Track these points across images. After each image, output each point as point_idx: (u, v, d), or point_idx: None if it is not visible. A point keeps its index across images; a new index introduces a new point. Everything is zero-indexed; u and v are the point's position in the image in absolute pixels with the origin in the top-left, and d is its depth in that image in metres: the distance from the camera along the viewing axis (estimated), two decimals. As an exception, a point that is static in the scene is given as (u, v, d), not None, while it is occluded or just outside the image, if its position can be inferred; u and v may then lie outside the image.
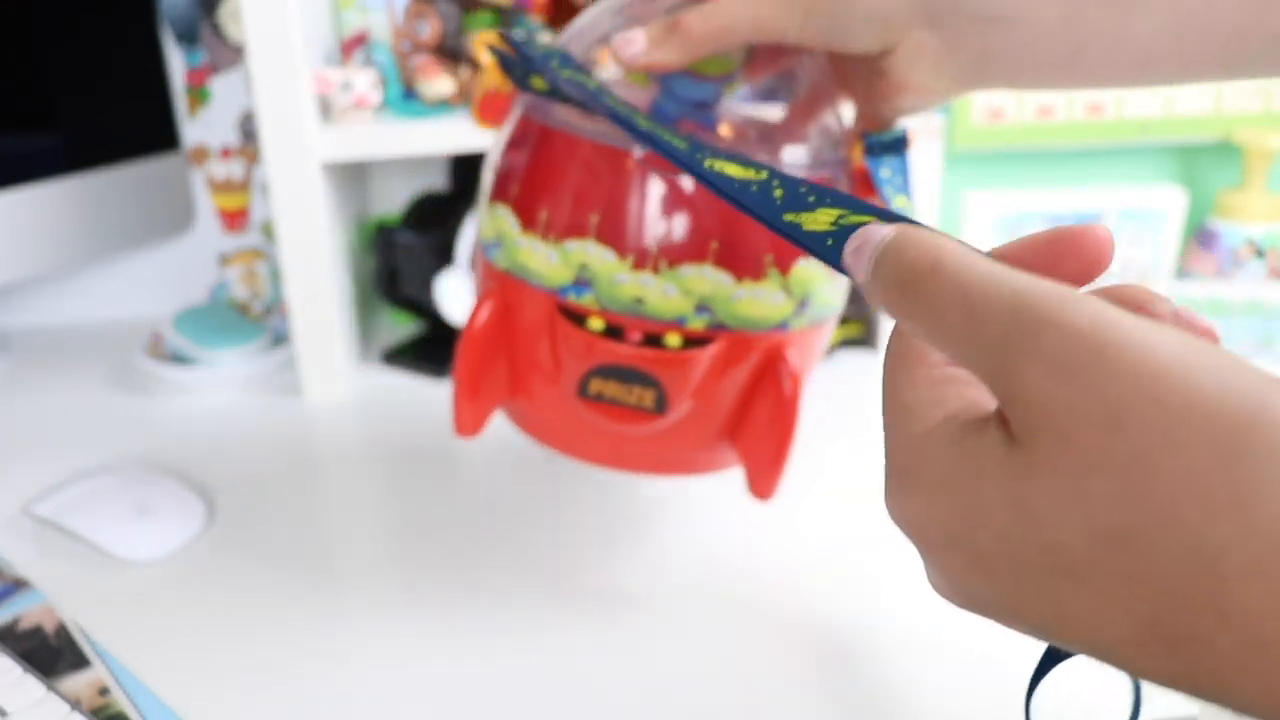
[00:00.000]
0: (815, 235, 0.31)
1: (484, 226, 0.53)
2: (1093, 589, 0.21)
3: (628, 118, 0.41)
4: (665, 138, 0.40)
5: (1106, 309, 0.21)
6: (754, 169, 0.37)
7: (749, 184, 0.35)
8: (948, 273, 0.24)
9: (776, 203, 0.34)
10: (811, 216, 0.32)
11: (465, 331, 0.51)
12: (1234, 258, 0.90)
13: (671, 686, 0.52)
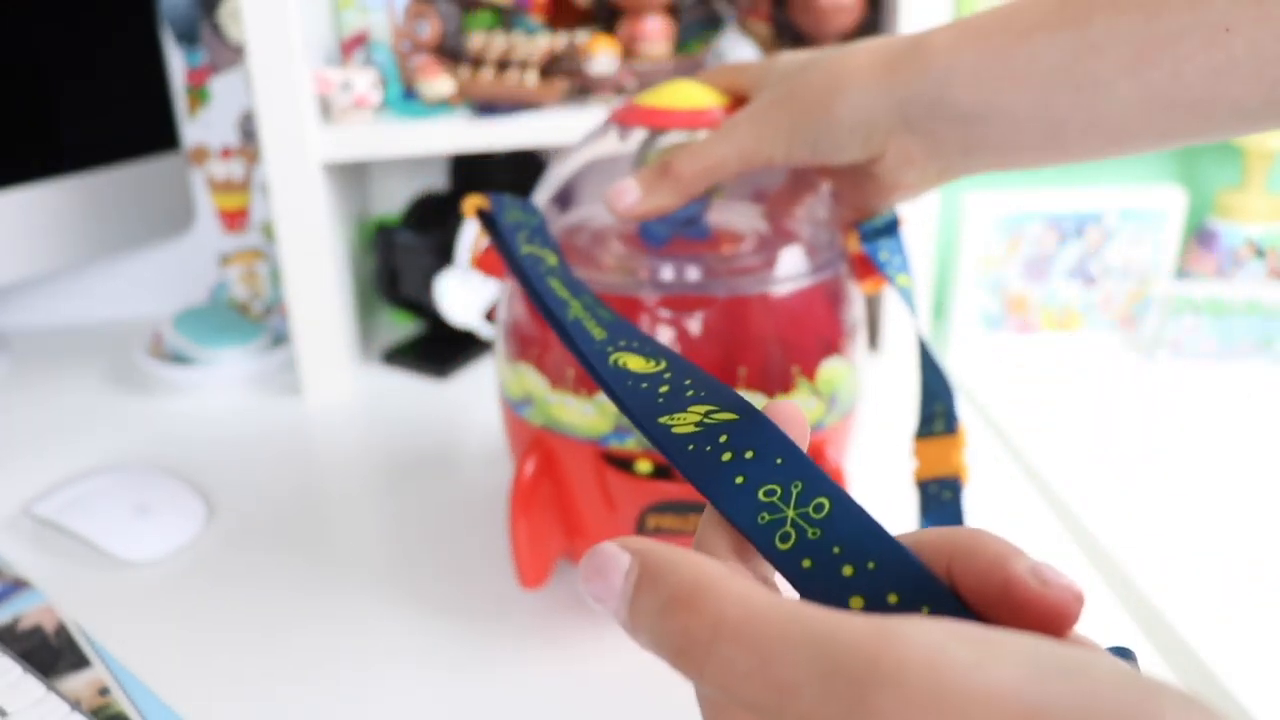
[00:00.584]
0: (678, 440, 0.29)
1: (508, 384, 0.53)
2: None
3: (556, 309, 0.39)
4: (587, 328, 0.37)
5: (937, 645, 0.18)
6: (655, 360, 0.34)
7: (639, 380, 0.33)
8: (721, 603, 0.20)
9: (657, 401, 0.31)
10: (682, 417, 0.30)
11: (514, 488, 0.51)
12: (1234, 258, 0.89)
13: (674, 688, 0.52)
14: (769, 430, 0.27)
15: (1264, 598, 0.59)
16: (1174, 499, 0.68)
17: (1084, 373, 0.86)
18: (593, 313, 0.40)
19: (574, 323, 0.39)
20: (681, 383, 0.32)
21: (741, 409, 0.29)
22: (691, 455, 0.28)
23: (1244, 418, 0.78)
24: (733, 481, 0.26)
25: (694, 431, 0.29)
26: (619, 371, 0.35)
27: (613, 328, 0.38)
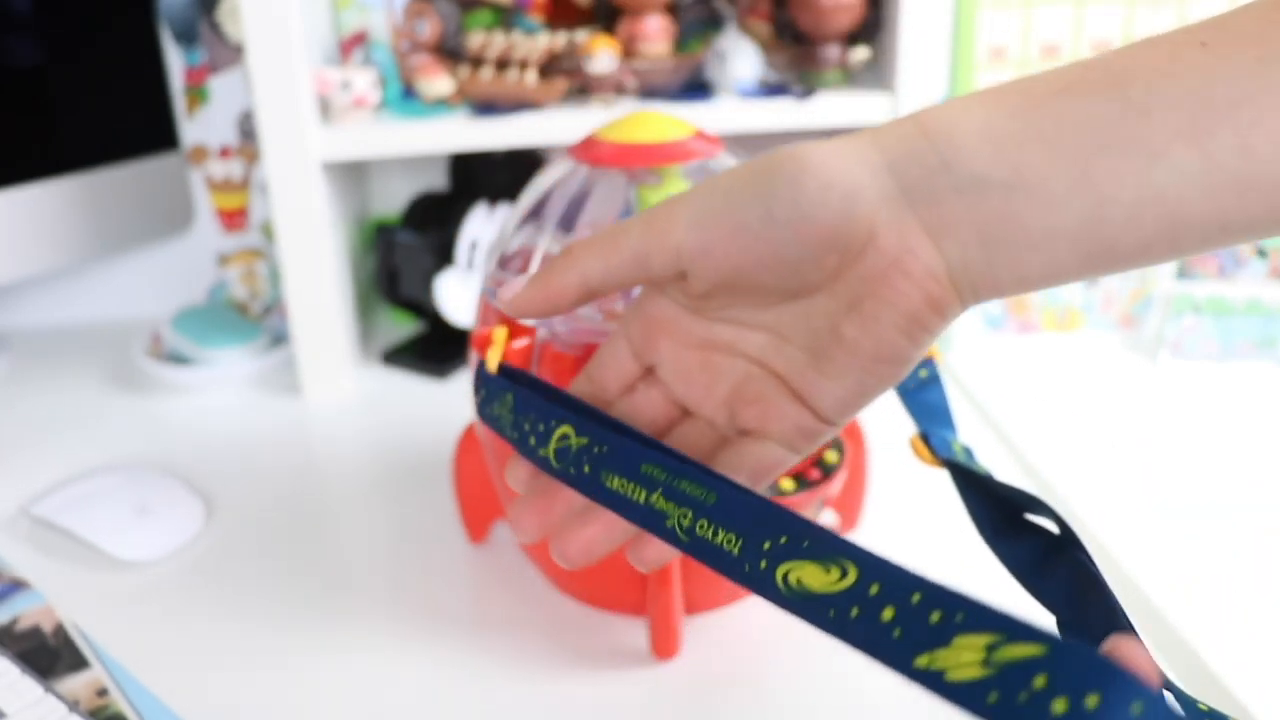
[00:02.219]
0: (967, 689, 0.23)
1: None
2: None
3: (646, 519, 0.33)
4: (706, 539, 0.32)
5: None
6: (837, 565, 0.28)
7: (844, 606, 0.27)
8: None
9: (893, 636, 0.25)
10: (949, 656, 0.24)
11: None
12: (1235, 257, 0.89)
13: (677, 692, 0.52)
14: (1099, 663, 0.21)
15: (1266, 599, 0.59)
16: (1175, 499, 0.68)
17: (1085, 373, 0.86)
18: (686, 500, 0.32)
19: (694, 539, 0.32)
20: (908, 600, 0.26)
21: (1041, 638, 0.23)
22: (1005, 710, 0.22)
23: (1245, 418, 0.78)
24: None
25: (987, 674, 0.23)
26: (804, 598, 0.28)
27: (743, 524, 0.31)
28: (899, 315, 0.32)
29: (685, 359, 0.36)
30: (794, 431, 0.35)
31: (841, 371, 0.34)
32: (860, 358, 0.33)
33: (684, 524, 0.32)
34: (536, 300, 0.36)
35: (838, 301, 0.33)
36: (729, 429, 0.36)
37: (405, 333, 0.95)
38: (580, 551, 0.36)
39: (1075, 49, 0.90)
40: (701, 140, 0.53)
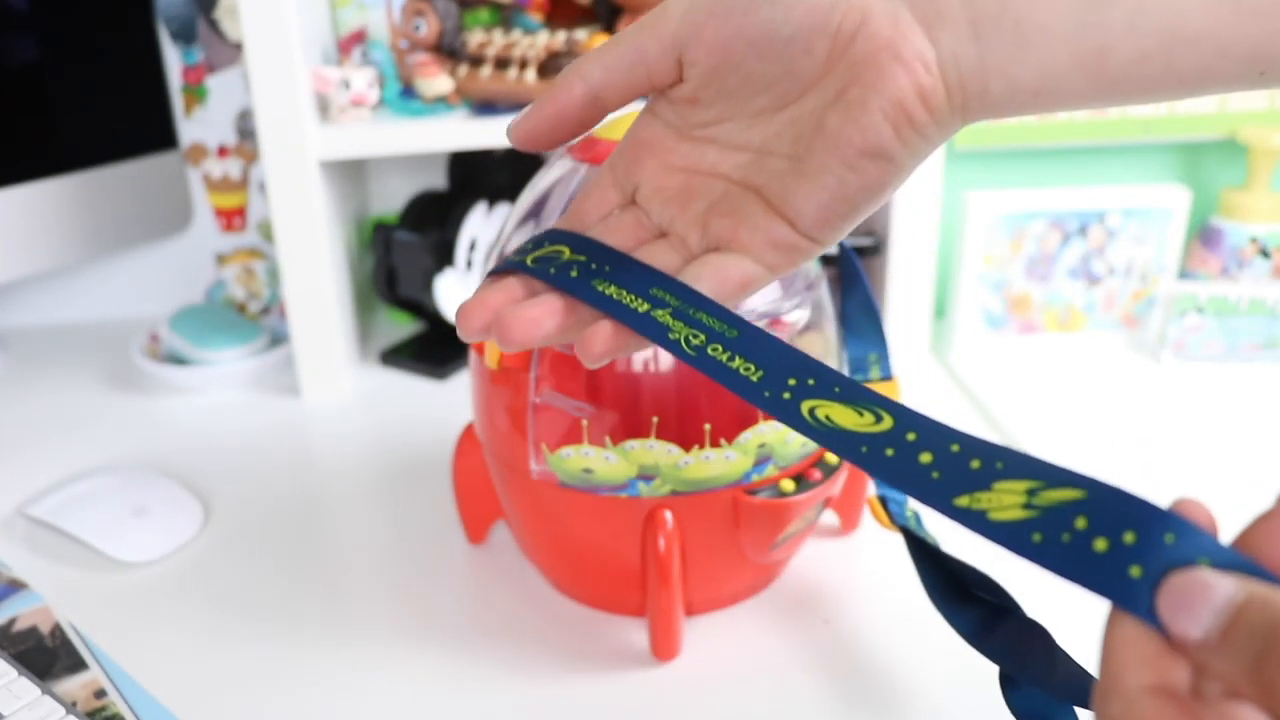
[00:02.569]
0: (1012, 528, 0.24)
1: (604, 471, 0.51)
2: None
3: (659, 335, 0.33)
4: (727, 364, 0.32)
5: None
6: (870, 411, 0.29)
7: (878, 445, 0.28)
8: None
9: (932, 476, 0.27)
10: (991, 498, 0.25)
11: (659, 568, 0.51)
12: (1238, 257, 0.89)
13: (677, 692, 0.51)
14: (1135, 503, 0.23)
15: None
16: (1178, 499, 0.68)
17: (1087, 373, 0.86)
18: (700, 327, 0.33)
19: (704, 356, 0.32)
20: (948, 448, 0.27)
21: (1081, 482, 0.24)
22: (1050, 549, 0.23)
23: (1248, 418, 0.78)
24: (1128, 577, 0.22)
25: (1029, 517, 0.24)
26: (832, 431, 0.29)
27: (765, 360, 0.32)
28: (886, 101, 0.32)
29: (667, 180, 0.36)
30: (768, 245, 0.34)
31: (821, 169, 0.33)
32: (842, 150, 0.33)
33: (693, 342, 0.32)
34: (541, 121, 0.36)
35: (825, 95, 0.33)
36: (700, 247, 0.35)
37: (404, 332, 0.95)
38: (523, 330, 0.33)
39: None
40: None
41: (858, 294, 0.60)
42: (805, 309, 0.52)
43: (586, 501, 0.51)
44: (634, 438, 0.49)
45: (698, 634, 0.54)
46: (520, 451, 0.52)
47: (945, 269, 0.97)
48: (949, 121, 0.32)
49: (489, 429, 0.55)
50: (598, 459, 0.50)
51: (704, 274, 0.34)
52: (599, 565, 0.55)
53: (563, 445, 0.50)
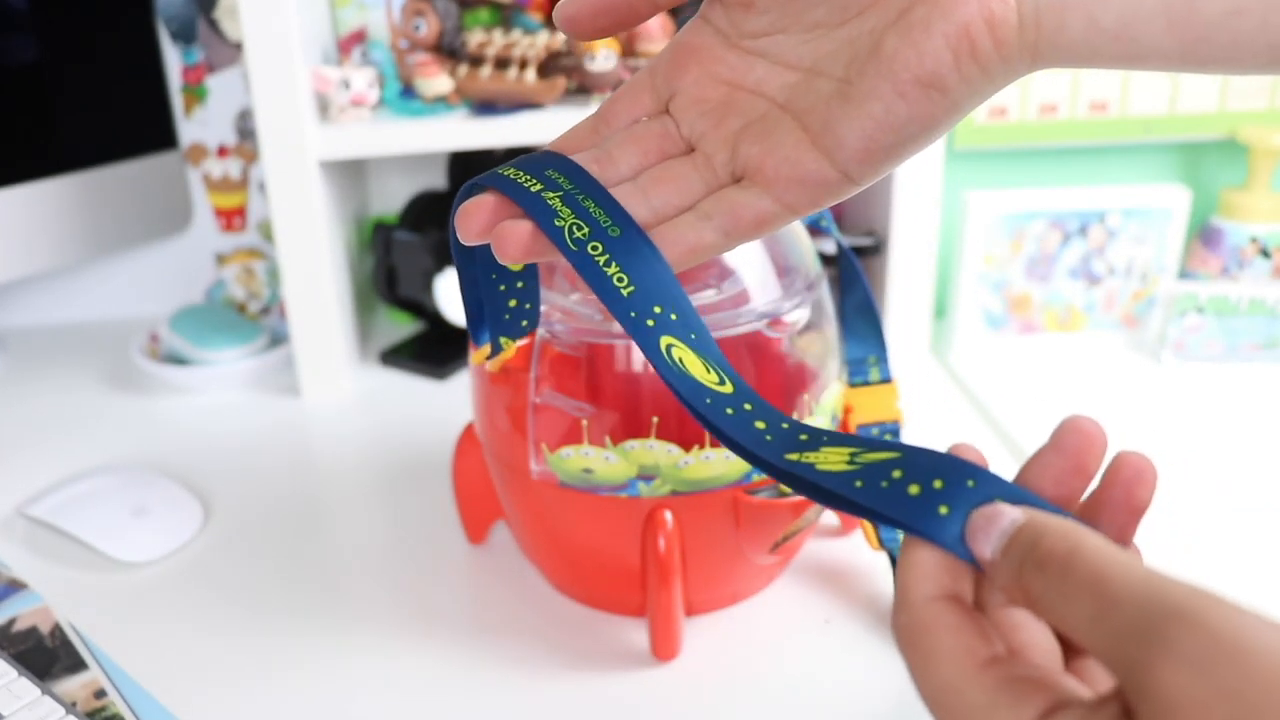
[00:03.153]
0: (837, 477, 0.27)
1: (604, 471, 0.51)
2: None
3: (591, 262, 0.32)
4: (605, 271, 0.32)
5: (1239, 609, 0.21)
6: (715, 371, 0.31)
7: (721, 402, 0.30)
8: (1085, 560, 0.23)
9: (766, 439, 0.29)
10: (820, 456, 0.28)
11: (659, 568, 0.51)
12: (1238, 257, 0.89)
13: (677, 692, 0.51)
14: (940, 457, 0.27)
15: (1270, 601, 0.58)
16: (1177, 500, 0.68)
17: (1087, 373, 0.86)
18: (587, 218, 0.32)
19: (583, 254, 0.31)
20: (778, 424, 0.29)
21: (893, 446, 0.28)
22: (871, 492, 0.27)
23: (1248, 419, 0.78)
24: (937, 513, 0.26)
25: (853, 470, 0.27)
26: (684, 376, 0.30)
27: (640, 275, 0.31)
28: (951, 26, 0.30)
29: (708, 92, 0.34)
30: (794, 180, 0.32)
31: (870, 94, 0.31)
32: (896, 76, 0.30)
33: (576, 235, 0.31)
34: (588, 4, 0.34)
35: (887, 13, 0.31)
36: (725, 171, 0.34)
37: (404, 332, 0.94)
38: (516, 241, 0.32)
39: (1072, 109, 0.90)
40: None
41: (857, 294, 0.60)
42: (805, 309, 0.52)
43: (586, 501, 0.51)
44: (634, 438, 0.49)
45: (698, 634, 0.54)
46: (520, 451, 0.52)
47: (945, 269, 0.97)
48: (1016, 60, 0.30)
49: (489, 429, 0.55)
50: (598, 459, 0.49)
51: (719, 210, 0.33)
52: (599, 565, 0.55)
53: (563, 445, 0.50)
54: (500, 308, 0.41)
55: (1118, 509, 0.27)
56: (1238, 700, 0.20)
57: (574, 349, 0.50)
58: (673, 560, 0.50)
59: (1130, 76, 0.91)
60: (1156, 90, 0.92)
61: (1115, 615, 0.22)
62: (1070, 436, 0.28)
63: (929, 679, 0.25)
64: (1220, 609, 0.21)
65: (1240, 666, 0.20)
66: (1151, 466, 0.27)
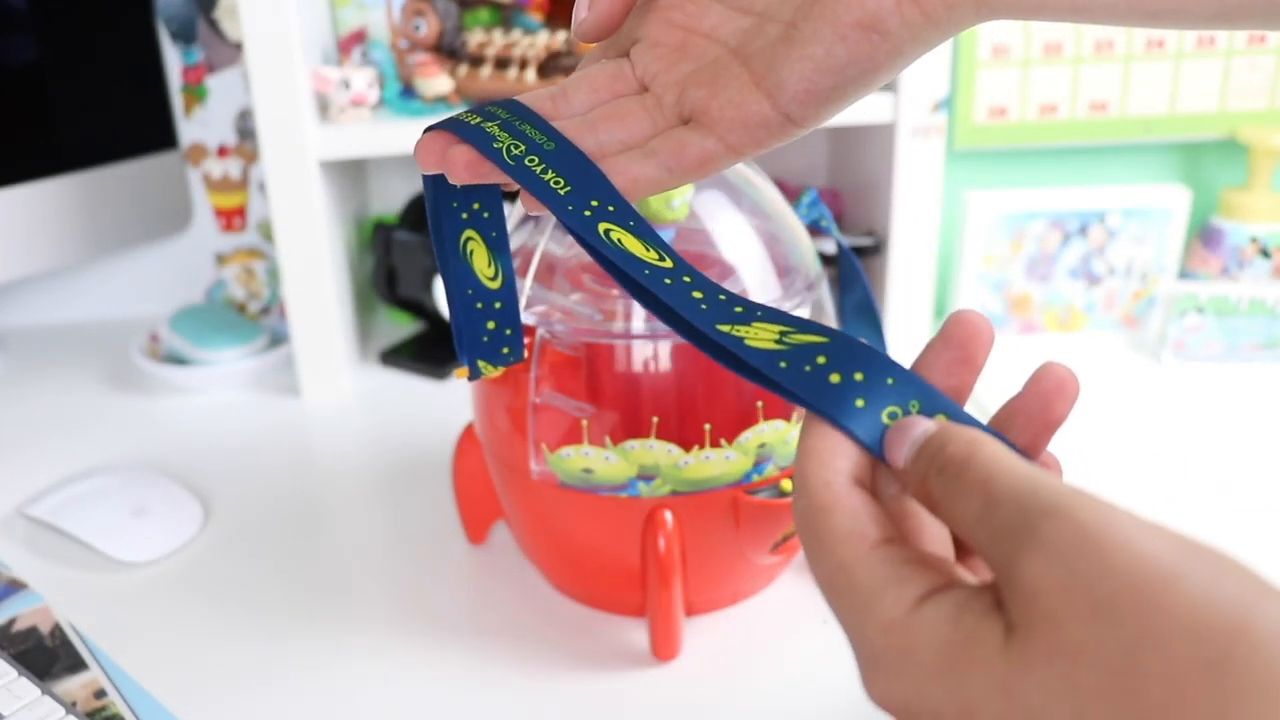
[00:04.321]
0: (763, 354, 0.28)
1: (604, 471, 0.51)
2: None
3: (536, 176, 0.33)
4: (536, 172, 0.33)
5: (1112, 508, 0.22)
6: (654, 249, 0.32)
7: (660, 274, 0.31)
8: (978, 464, 0.25)
9: (701, 308, 0.30)
10: (750, 331, 0.29)
11: (658, 566, 0.51)
12: (1239, 257, 0.89)
13: (678, 692, 0.51)
14: (867, 350, 0.28)
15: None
16: (1179, 500, 0.68)
17: (1087, 373, 0.86)
18: (523, 138, 0.33)
19: (521, 166, 0.33)
20: (715, 295, 0.30)
21: (823, 330, 0.28)
22: (792, 374, 0.27)
23: (1248, 419, 0.78)
24: (854, 405, 0.27)
25: (780, 349, 0.28)
26: (622, 252, 0.31)
27: (575, 177, 0.33)
28: None
29: (665, 36, 0.36)
30: (737, 122, 0.33)
31: (812, 37, 0.32)
32: (838, 19, 0.31)
33: (513, 152, 0.33)
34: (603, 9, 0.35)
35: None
36: (673, 113, 0.35)
37: (404, 332, 0.94)
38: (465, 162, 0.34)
39: (1078, 46, 0.90)
40: None
41: (856, 294, 0.60)
42: (805, 309, 0.52)
43: (586, 501, 0.51)
44: (634, 438, 0.49)
45: (698, 634, 0.54)
46: (520, 451, 0.52)
47: (945, 269, 0.97)
48: (960, 7, 0.31)
49: (489, 429, 0.55)
50: (598, 459, 0.49)
51: (664, 147, 0.34)
52: (599, 565, 0.55)
53: (563, 445, 0.50)
54: (478, 329, 0.41)
55: (1031, 418, 0.29)
56: (1094, 589, 0.21)
57: (574, 349, 0.50)
58: (673, 560, 0.50)
59: (1130, 77, 0.91)
60: (1157, 90, 0.92)
61: (996, 513, 0.23)
62: (957, 328, 0.29)
63: (822, 561, 0.26)
64: (1090, 505, 0.22)
65: (1100, 558, 0.21)
66: (1075, 381, 0.28)
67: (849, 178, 0.94)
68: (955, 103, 0.92)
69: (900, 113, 0.79)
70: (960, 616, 0.24)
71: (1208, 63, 0.91)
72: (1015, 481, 0.24)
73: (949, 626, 0.24)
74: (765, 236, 0.53)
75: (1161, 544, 0.21)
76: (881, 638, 0.25)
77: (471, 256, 0.39)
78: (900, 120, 0.79)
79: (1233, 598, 0.20)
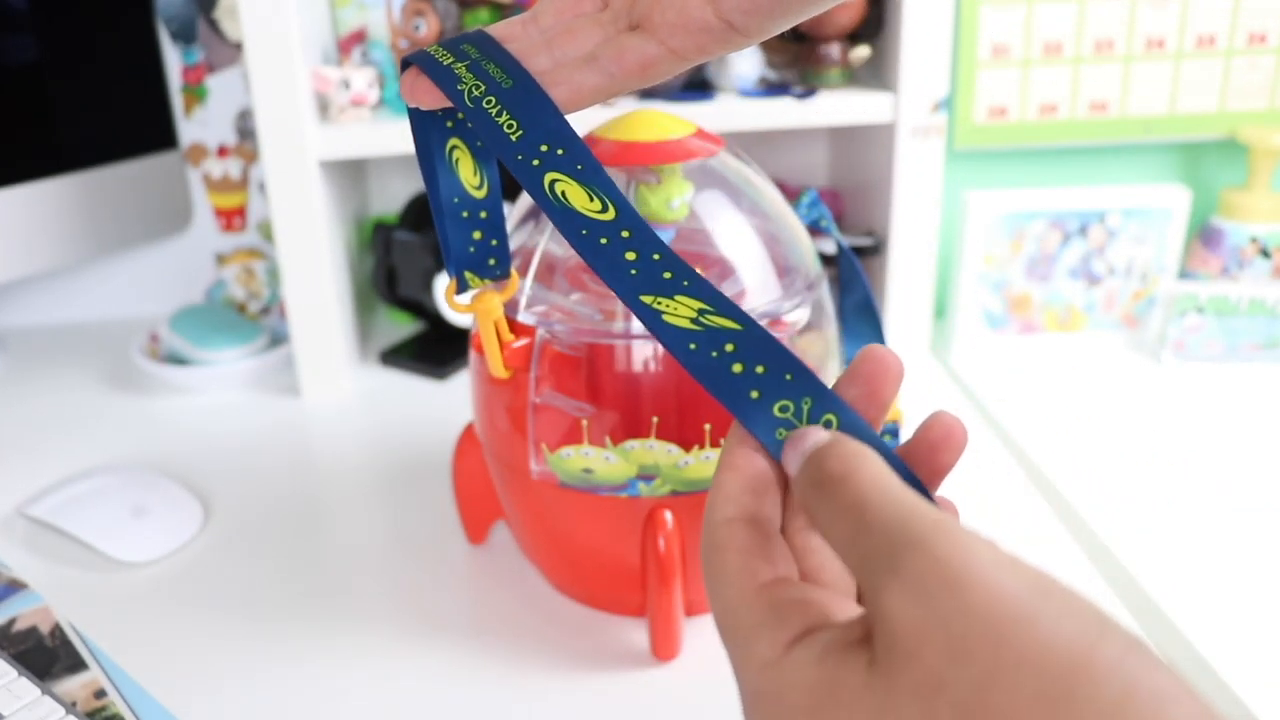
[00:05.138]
0: (676, 332, 0.29)
1: (603, 471, 0.51)
2: None
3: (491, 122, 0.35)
4: (496, 120, 0.34)
5: (974, 541, 0.22)
6: (598, 198, 0.33)
7: (598, 231, 0.32)
8: (853, 485, 0.25)
9: (631, 273, 0.31)
10: (671, 305, 0.30)
11: (661, 571, 0.51)
12: (1238, 257, 0.89)
13: (678, 693, 0.51)
14: (774, 345, 0.28)
15: (1270, 600, 0.58)
16: (1179, 500, 0.68)
17: (1087, 373, 0.86)
18: (485, 78, 0.35)
19: (479, 109, 0.34)
20: (649, 255, 0.31)
21: (740, 318, 0.29)
22: (699, 359, 0.28)
23: (1248, 419, 0.78)
24: (749, 396, 0.28)
25: (694, 330, 0.29)
26: (564, 209, 0.32)
27: (527, 119, 0.34)
28: None
29: None
30: (679, 27, 0.34)
31: None
32: None
33: (474, 94, 0.35)
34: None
35: None
36: (624, 22, 0.36)
37: (404, 332, 0.94)
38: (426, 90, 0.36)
39: (1078, 46, 0.90)
40: (702, 139, 0.53)
41: (857, 294, 0.60)
42: (805, 309, 0.52)
43: (586, 502, 0.51)
44: (634, 438, 0.49)
45: (698, 634, 0.54)
46: (520, 452, 0.52)
47: (945, 269, 0.97)
48: None
49: (489, 429, 0.55)
50: (598, 459, 0.49)
51: (606, 53, 0.35)
52: (599, 565, 0.54)
53: (563, 445, 0.50)
54: (465, 239, 0.42)
55: (920, 465, 0.28)
56: (950, 626, 0.21)
57: (574, 349, 0.50)
58: (673, 560, 0.50)
59: (1130, 77, 0.91)
60: (1157, 90, 0.92)
61: (865, 540, 0.24)
62: (866, 365, 0.29)
63: (716, 599, 0.27)
64: (952, 539, 0.22)
65: (958, 597, 0.21)
66: (962, 430, 0.28)
67: (849, 178, 0.94)
68: (955, 103, 0.92)
69: (900, 113, 0.79)
70: (825, 658, 0.24)
71: (1208, 62, 0.91)
72: (886, 506, 0.24)
73: (815, 669, 0.24)
74: (765, 236, 0.53)
75: (1017, 581, 0.22)
76: (758, 678, 0.25)
77: (457, 165, 0.41)
78: (900, 120, 0.79)
79: (1076, 635, 0.21)
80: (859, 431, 0.27)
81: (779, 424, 0.28)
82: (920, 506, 0.23)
